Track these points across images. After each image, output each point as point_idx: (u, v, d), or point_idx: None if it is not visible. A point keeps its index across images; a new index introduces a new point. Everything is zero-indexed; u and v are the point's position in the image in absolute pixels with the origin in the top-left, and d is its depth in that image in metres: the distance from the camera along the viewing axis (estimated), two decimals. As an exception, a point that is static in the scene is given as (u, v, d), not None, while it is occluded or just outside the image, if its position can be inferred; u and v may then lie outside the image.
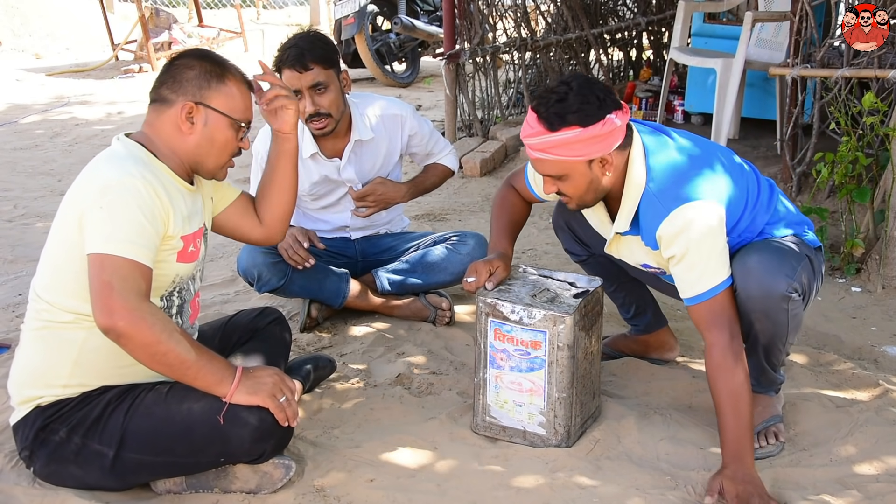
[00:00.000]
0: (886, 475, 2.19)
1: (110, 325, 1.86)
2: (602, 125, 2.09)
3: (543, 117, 2.11)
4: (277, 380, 2.06)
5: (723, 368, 2.13)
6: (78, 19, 11.89)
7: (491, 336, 2.30)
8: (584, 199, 2.24)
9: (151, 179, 2.00)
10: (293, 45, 2.89)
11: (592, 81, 2.15)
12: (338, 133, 3.05)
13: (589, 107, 2.08)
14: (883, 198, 3.57)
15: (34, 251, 4.05)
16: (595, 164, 2.15)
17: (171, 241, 2.05)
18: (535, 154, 2.16)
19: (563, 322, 2.21)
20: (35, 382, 2.06)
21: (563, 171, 2.16)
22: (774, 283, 2.14)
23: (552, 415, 2.29)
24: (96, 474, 2.06)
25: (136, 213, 1.94)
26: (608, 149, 2.13)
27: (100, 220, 1.93)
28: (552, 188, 2.22)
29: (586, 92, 2.10)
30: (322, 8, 13.16)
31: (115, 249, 1.90)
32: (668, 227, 2.14)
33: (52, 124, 7.06)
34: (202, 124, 2.10)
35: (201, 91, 2.09)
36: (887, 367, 2.85)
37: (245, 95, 2.16)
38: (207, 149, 2.12)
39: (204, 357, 1.99)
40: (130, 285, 1.89)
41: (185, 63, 2.11)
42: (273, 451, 2.09)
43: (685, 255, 2.14)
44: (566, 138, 2.09)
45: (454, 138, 5.67)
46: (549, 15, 6.63)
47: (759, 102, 5.39)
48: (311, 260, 2.99)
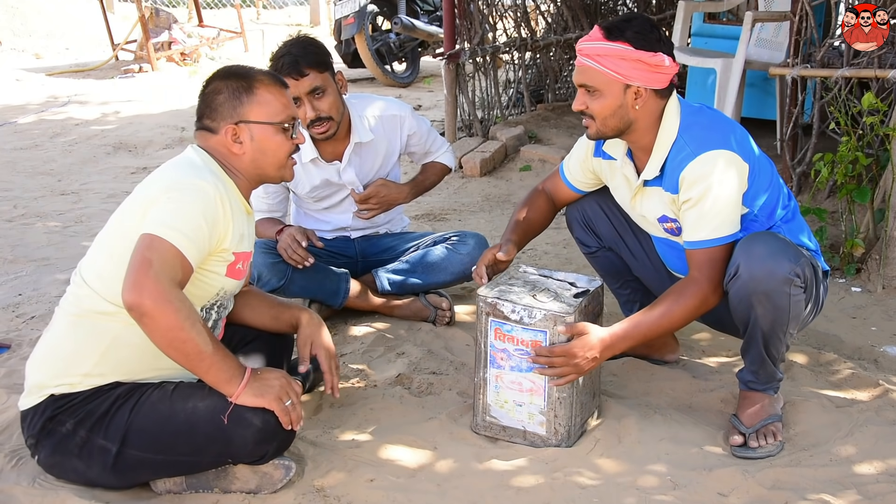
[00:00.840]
0: (886, 475, 2.19)
1: (137, 302, 1.87)
2: (652, 56, 2.21)
3: (605, 26, 2.24)
4: (284, 383, 2.07)
5: (685, 296, 2.25)
6: (78, 19, 11.89)
7: (491, 335, 2.30)
8: (607, 125, 2.29)
9: (222, 190, 2.05)
10: (286, 52, 2.89)
11: (659, 26, 2.28)
12: (337, 136, 3.06)
13: (649, 35, 2.22)
14: (883, 198, 3.57)
15: (34, 251, 4.06)
16: (630, 92, 2.24)
17: (225, 253, 2.09)
18: (583, 60, 2.25)
19: (564, 321, 2.21)
20: (57, 369, 2.07)
21: (600, 86, 2.24)
22: (778, 264, 2.17)
23: (552, 415, 2.29)
24: (98, 469, 2.07)
25: (199, 212, 1.98)
26: (648, 82, 2.23)
27: (163, 208, 1.97)
28: (582, 104, 2.29)
29: (651, 26, 2.24)
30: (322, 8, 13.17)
31: (167, 235, 1.93)
32: (694, 168, 2.23)
33: (52, 124, 7.06)
34: (249, 140, 2.14)
35: (236, 110, 2.13)
36: (887, 367, 2.85)
37: (280, 95, 2.18)
38: (263, 159, 2.16)
39: (220, 353, 1.99)
40: (168, 270, 1.91)
41: (213, 89, 2.15)
42: (275, 452, 2.09)
43: (701, 199, 2.22)
44: (616, 50, 2.20)
45: (454, 138, 5.67)
46: (549, 15, 6.64)
47: (759, 102, 5.39)
48: (311, 259, 2.99)
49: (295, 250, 2.98)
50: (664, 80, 2.26)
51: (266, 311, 2.40)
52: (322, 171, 3.12)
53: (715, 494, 2.12)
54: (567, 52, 6.45)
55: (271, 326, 2.40)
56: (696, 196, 2.23)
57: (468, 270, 3.19)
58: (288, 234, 3.02)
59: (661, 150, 2.31)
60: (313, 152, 3.07)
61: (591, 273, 2.69)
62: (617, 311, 3.14)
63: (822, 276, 2.39)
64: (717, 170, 2.21)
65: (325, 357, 2.31)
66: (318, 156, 3.08)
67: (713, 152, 2.22)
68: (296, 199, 3.30)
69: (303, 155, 3.06)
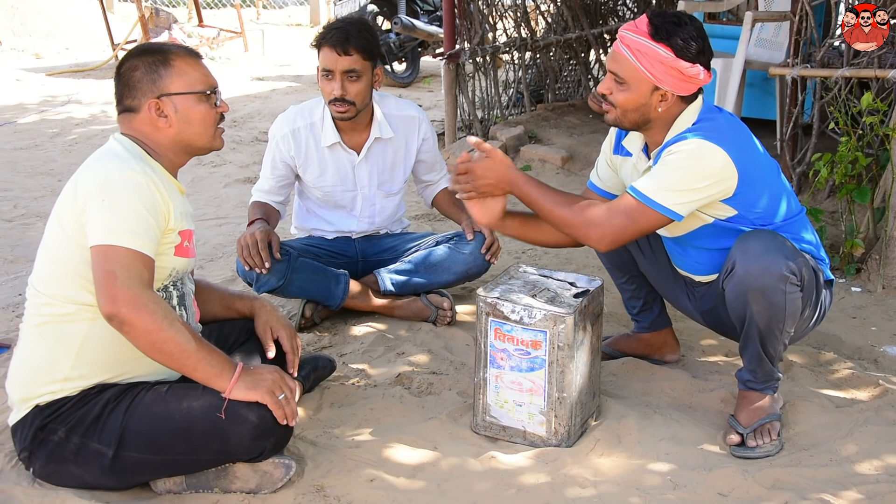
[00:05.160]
0: (886, 475, 2.19)
1: (114, 312, 1.89)
2: (690, 66, 2.21)
3: (654, 24, 2.21)
4: (277, 377, 2.07)
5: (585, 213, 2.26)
6: (78, 19, 11.88)
7: (491, 335, 2.30)
8: (626, 117, 2.31)
9: (151, 174, 2.04)
10: (340, 26, 2.93)
11: (707, 37, 2.26)
12: (357, 126, 3.06)
13: (693, 45, 2.20)
14: (883, 197, 3.57)
15: (34, 251, 4.02)
16: (656, 94, 2.25)
17: (171, 234, 2.08)
18: (621, 49, 2.25)
19: (564, 322, 2.21)
20: (35, 380, 2.06)
21: (630, 79, 2.24)
22: (774, 261, 2.18)
23: (552, 415, 2.29)
24: (96, 473, 2.06)
25: (138, 205, 1.97)
26: (677, 89, 2.24)
27: (102, 213, 1.96)
28: (608, 88, 2.29)
29: (698, 35, 2.22)
30: (322, 8, 13.16)
31: (118, 240, 1.93)
32: (679, 144, 2.23)
33: (52, 124, 7.05)
34: (174, 112, 2.12)
35: (156, 84, 2.11)
36: (887, 367, 2.85)
37: (197, 65, 2.17)
38: (190, 130, 2.15)
39: (204, 349, 2.00)
40: (133, 274, 1.92)
41: (129, 67, 2.13)
42: (272, 449, 2.09)
43: (665, 164, 2.22)
44: (657, 52, 2.20)
45: (454, 138, 5.67)
46: (549, 15, 6.64)
47: (759, 102, 5.39)
48: (268, 264, 2.91)
49: (253, 254, 2.90)
50: (693, 89, 2.27)
51: (216, 302, 2.42)
52: (337, 159, 3.11)
53: (715, 494, 2.12)
54: (567, 52, 6.45)
55: (223, 315, 2.42)
56: (663, 159, 2.23)
57: (471, 270, 3.19)
58: (250, 233, 2.95)
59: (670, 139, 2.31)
60: (335, 137, 3.07)
61: (591, 273, 2.69)
62: (618, 311, 3.15)
63: (824, 283, 2.38)
64: (696, 152, 2.20)
65: (287, 337, 2.34)
66: (341, 140, 3.07)
67: (702, 139, 2.21)
68: (301, 192, 3.29)
69: (322, 139, 3.06)
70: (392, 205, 3.30)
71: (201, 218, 4.61)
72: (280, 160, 3.14)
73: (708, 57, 2.25)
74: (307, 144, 3.11)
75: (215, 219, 4.60)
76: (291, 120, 3.13)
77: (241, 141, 6.38)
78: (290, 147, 3.12)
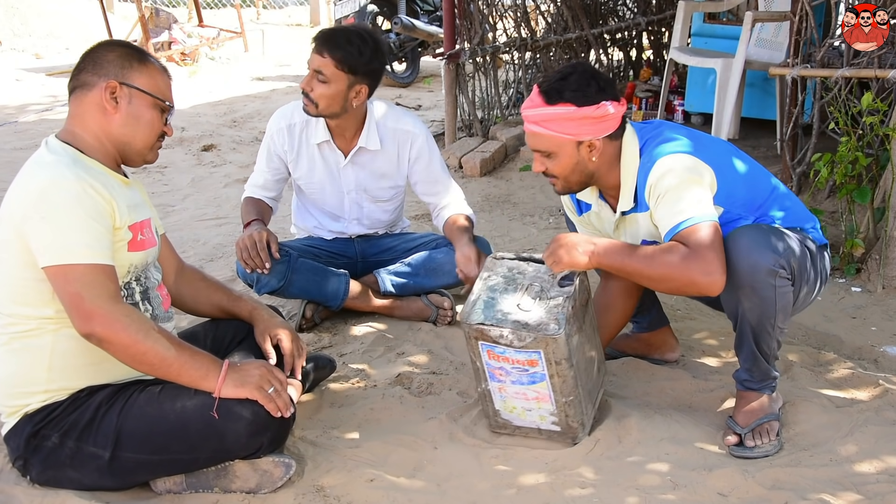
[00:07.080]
0: (886, 475, 2.19)
1: (90, 332, 1.90)
2: (596, 108, 2.22)
3: (543, 90, 2.25)
4: (265, 371, 2.07)
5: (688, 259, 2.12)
6: (78, 19, 11.88)
7: (485, 356, 2.26)
8: (570, 181, 2.34)
9: (86, 177, 1.98)
10: (336, 30, 2.96)
11: (597, 71, 2.30)
12: (345, 132, 3.06)
13: (587, 89, 2.22)
14: (883, 197, 3.57)
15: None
16: (583, 148, 2.27)
17: (120, 231, 2.04)
18: (530, 126, 2.29)
19: (556, 341, 2.16)
20: (15, 393, 2.06)
21: (552, 149, 2.28)
22: (761, 256, 2.17)
23: (563, 415, 2.28)
24: (94, 475, 2.06)
25: (82, 215, 1.93)
26: (598, 133, 2.26)
27: (46, 231, 1.91)
28: (541, 166, 2.33)
29: (588, 77, 2.24)
30: (322, 8, 13.16)
31: (74, 258, 1.90)
32: (654, 173, 2.25)
33: (52, 124, 7.05)
34: (126, 102, 2.09)
35: (123, 70, 2.09)
36: (887, 367, 2.85)
37: (166, 80, 2.16)
38: (133, 128, 2.11)
39: (185, 353, 2.00)
40: (98, 290, 1.90)
41: (104, 47, 2.12)
42: (270, 444, 2.09)
43: (666, 193, 2.22)
44: (560, 113, 2.22)
45: (454, 138, 5.68)
46: (549, 15, 6.64)
47: (759, 102, 5.39)
48: (268, 264, 2.92)
49: (253, 256, 2.91)
50: (614, 125, 2.28)
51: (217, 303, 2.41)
52: (326, 158, 3.12)
53: (715, 494, 2.12)
54: (567, 52, 6.45)
55: (222, 317, 2.42)
56: (661, 192, 2.23)
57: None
58: (251, 234, 2.95)
59: (629, 180, 2.33)
60: (325, 135, 3.08)
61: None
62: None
63: (817, 250, 2.36)
64: (675, 168, 2.22)
65: (287, 340, 2.31)
66: (331, 139, 3.08)
67: (665, 157, 2.24)
68: (297, 189, 3.29)
69: (312, 136, 3.08)
70: (382, 211, 3.27)
71: (201, 218, 4.61)
72: (274, 153, 3.16)
73: (610, 91, 2.24)
74: (300, 140, 3.12)
75: (215, 219, 4.60)
76: (289, 115, 3.14)
77: (241, 141, 6.38)
78: (283, 141, 3.13)
